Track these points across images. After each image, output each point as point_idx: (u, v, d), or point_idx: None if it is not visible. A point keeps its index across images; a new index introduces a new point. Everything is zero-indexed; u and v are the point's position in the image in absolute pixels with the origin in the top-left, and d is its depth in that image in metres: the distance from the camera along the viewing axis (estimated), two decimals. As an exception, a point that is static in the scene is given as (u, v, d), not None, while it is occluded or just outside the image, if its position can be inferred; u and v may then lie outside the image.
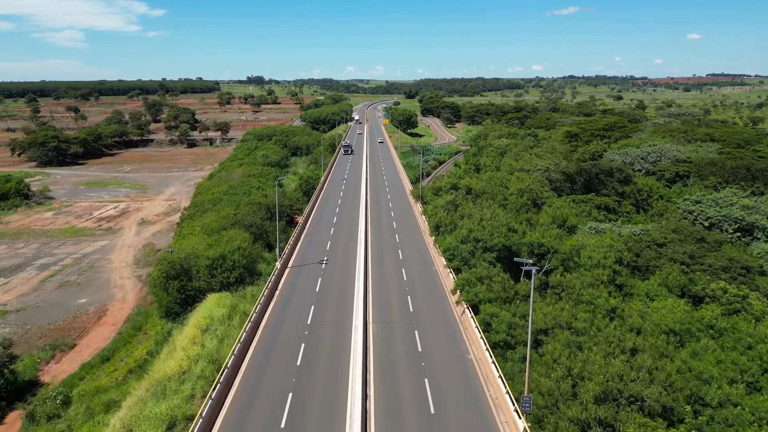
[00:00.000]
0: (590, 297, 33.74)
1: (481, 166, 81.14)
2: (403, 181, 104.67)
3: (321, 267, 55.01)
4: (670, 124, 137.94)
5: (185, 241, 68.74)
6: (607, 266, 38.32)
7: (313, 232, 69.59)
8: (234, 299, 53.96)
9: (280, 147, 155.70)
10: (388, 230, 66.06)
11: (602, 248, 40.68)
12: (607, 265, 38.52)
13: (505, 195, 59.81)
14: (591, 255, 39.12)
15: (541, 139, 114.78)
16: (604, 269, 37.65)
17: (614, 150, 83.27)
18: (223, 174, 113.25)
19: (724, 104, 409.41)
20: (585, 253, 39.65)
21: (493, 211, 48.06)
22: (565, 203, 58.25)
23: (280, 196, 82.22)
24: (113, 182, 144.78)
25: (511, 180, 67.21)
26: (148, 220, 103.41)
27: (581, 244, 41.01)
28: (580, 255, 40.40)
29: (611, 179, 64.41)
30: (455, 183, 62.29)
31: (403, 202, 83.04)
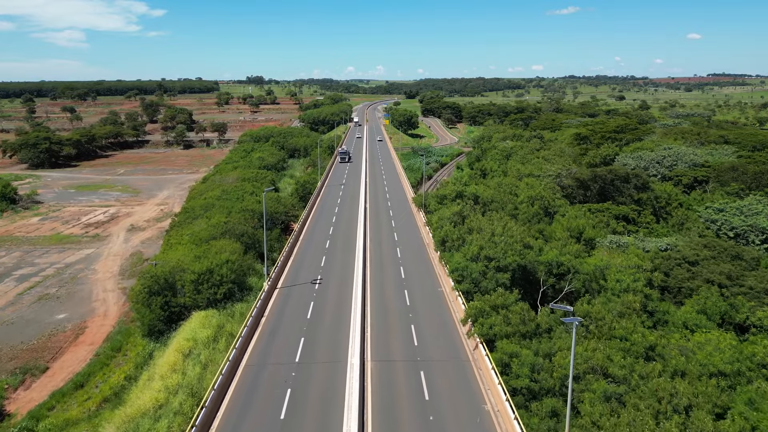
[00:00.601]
0: (624, 331, 29.22)
1: (488, 171, 76.59)
2: (405, 186, 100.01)
3: (314, 288, 49.48)
4: (680, 126, 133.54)
5: (172, 252, 64.40)
6: (637, 291, 33.83)
7: (307, 247, 64.23)
8: (221, 318, 49.68)
9: (277, 149, 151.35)
10: (389, 243, 60.83)
11: (630, 269, 36.21)
12: (638, 289, 34.00)
13: (514, 203, 55.31)
14: (620, 278, 34.66)
15: (548, 141, 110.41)
16: (634, 295, 33.14)
17: (627, 153, 78.91)
18: (216, 178, 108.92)
19: (728, 104, 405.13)
20: (612, 276, 35.16)
21: (505, 224, 43.42)
22: (580, 212, 53.83)
23: (275, 202, 77.94)
24: (105, 185, 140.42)
25: (520, 186, 62.73)
26: (138, 226, 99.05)
27: (606, 264, 36.61)
28: (605, 276, 35.94)
29: (627, 186, 60.16)
30: (461, 190, 57.84)
31: (405, 210, 78.02)
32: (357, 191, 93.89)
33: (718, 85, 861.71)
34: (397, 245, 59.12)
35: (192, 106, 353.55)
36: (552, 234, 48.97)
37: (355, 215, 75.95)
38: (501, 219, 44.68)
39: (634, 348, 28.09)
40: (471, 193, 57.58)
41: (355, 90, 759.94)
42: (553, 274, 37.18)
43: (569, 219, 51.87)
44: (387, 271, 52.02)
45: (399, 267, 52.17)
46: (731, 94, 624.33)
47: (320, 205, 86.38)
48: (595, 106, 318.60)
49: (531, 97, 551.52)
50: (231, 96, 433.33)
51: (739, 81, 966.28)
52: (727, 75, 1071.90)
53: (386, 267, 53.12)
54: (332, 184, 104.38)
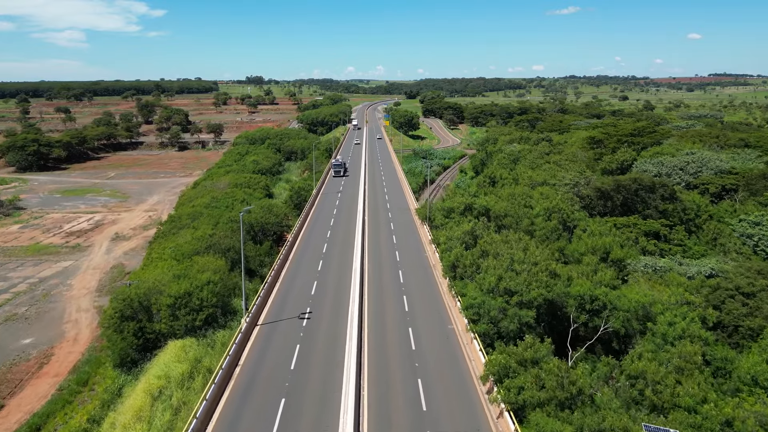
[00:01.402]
0: (691, 400, 23.39)
1: (497, 179, 70.66)
2: (407, 195, 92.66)
3: (301, 325, 41.89)
4: (693, 128, 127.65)
5: (150, 269, 58.53)
6: (695, 337, 27.83)
7: (297, 268, 56.70)
8: (199, 349, 43.81)
9: (273, 152, 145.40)
10: (390, 265, 53.46)
11: (680, 307, 30.14)
12: (695, 334, 28.01)
13: (530, 217, 49.39)
14: (672, 320, 28.64)
15: (557, 144, 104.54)
16: (692, 343, 27.15)
17: (646, 159, 73.10)
18: (207, 183, 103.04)
19: (733, 105, 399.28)
20: (661, 318, 29.09)
21: (526, 246, 37.38)
22: (605, 228, 47.96)
23: (266, 212, 72.04)
24: (93, 189, 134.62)
25: (534, 197, 56.84)
26: (123, 234, 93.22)
27: (650, 300, 30.61)
28: (650, 316, 29.91)
29: (653, 196, 54.38)
30: (470, 203, 51.77)
31: (408, 223, 70.41)
32: (355, 200, 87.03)
33: (720, 85, 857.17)
34: (400, 267, 51.89)
35: (189, 107, 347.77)
36: (574, 254, 43.18)
37: (352, 229, 69.22)
38: (520, 240, 38.49)
39: (706, 424, 22.12)
40: (481, 205, 51.44)
41: (355, 90, 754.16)
42: (585, 310, 31.32)
43: (592, 235, 46.11)
44: (388, 301, 44.79)
45: (402, 296, 44.94)
46: (735, 94, 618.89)
47: (314, 217, 79.64)
48: (599, 107, 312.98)
49: (532, 97, 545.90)
50: (229, 96, 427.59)
51: (741, 81, 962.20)
52: (728, 75, 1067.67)
53: (387, 296, 45.80)
54: (329, 191, 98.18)
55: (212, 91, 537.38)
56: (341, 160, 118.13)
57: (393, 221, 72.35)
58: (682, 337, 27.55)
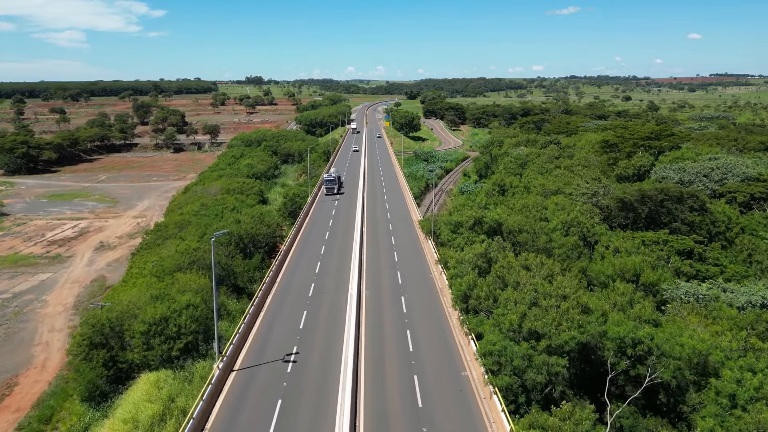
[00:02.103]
0: None
1: (506, 187, 65.27)
2: (409, 204, 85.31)
3: (285, 372, 34.51)
4: (706, 130, 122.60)
5: (127, 287, 53.48)
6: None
7: (285, 294, 49.44)
8: (174, 385, 38.62)
9: (269, 154, 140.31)
10: (391, 290, 46.74)
11: (748, 357, 24.72)
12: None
13: (547, 233, 44.19)
14: (742, 376, 23.26)
15: (565, 147, 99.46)
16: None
17: (665, 164, 68.02)
18: (198, 188, 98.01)
19: (738, 105, 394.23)
20: (728, 372, 23.74)
21: (549, 272, 32.02)
22: (631, 244, 42.82)
23: (257, 222, 66.93)
24: (82, 194, 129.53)
25: (549, 207, 51.69)
26: (108, 243, 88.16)
27: (708, 347, 25.31)
28: (706, 364, 24.71)
29: (680, 207, 49.36)
30: (480, 216, 46.45)
31: (410, 238, 63.53)
32: (353, 210, 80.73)
33: (722, 86, 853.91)
34: (402, 293, 45.51)
35: (187, 107, 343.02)
36: (599, 276, 38.16)
37: (348, 244, 62.49)
38: (542, 266, 33.24)
39: None
40: (493, 219, 46.16)
41: (355, 90, 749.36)
42: (627, 356, 26.17)
43: (618, 254, 41.02)
44: (389, 339, 37.93)
45: (405, 331, 38.40)
46: (738, 94, 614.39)
47: (308, 229, 72.54)
48: (602, 107, 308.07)
49: (534, 97, 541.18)
50: (227, 97, 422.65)
51: (742, 81, 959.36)
52: (729, 75, 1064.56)
53: (388, 332, 38.90)
54: (325, 199, 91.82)
55: (211, 92, 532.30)
56: (335, 173, 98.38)
57: (394, 234, 66.03)
58: (755, 398, 22.42)
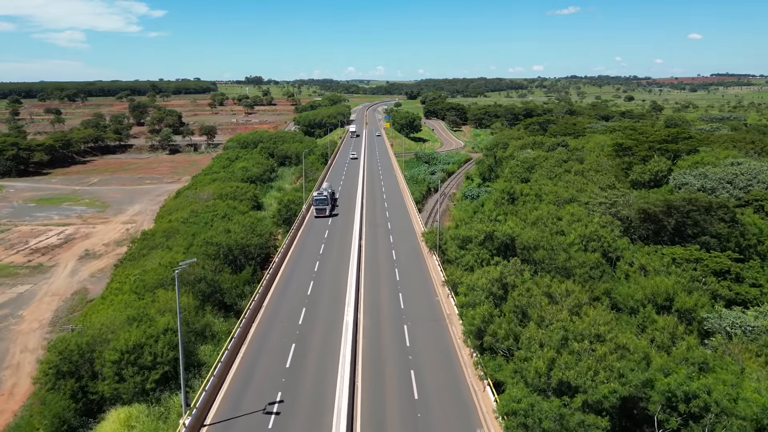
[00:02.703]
0: None
1: (516, 194, 60.67)
2: (411, 213, 78.54)
3: (266, 426, 29.05)
4: (718, 131, 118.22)
5: (104, 306, 49.11)
6: None
7: (272, 321, 43.31)
8: (148, 423, 34.23)
9: (266, 156, 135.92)
10: (393, 317, 40.85)
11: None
12: None
13: (565, 249, 39.70)
14: None
15: (573, 150, 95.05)
16: None
17: (684, 170, 63.64)
18: (189, 193, 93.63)
19: (742, 105, 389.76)
20: None
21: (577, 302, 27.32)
22: (659, 262, 38.34)
23: (248, 232, 62.44)
24: (71, 198, 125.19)
25: (564, 218, 47.22)
26: (94, 252, 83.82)
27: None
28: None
29: (708, 218, 45.00)
30: (491, 231, 41.91)
31: (413, 254, 57.52)
32: (350, 220, 74.41)
33: (723, 86, 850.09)
34: (405, 320, 39.80)
35: (185, 108, 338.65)
36: (627, 301, 33.80)
37: (345, 261, 56.35)
38: (568, 295, 28.65)
39: None
40: (505, 233, 41.67)
41: (355, 90, 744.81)
42: (678, 412, 21.72)
43: (642, 271, 36.71)
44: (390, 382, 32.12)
45: (409, 372, 32.39)
46: (740, 94, 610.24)
47: (302, 241, 66.81)
48: (605, 108, 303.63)
49: (535, 97, 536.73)
50: (226, 97, 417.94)
51: (744, 81, 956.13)
52: (730, 75, 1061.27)
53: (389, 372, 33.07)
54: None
55: (210, 92, 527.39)
56: (327, 189, 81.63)
57: (395, 248, 60.17)
58: None
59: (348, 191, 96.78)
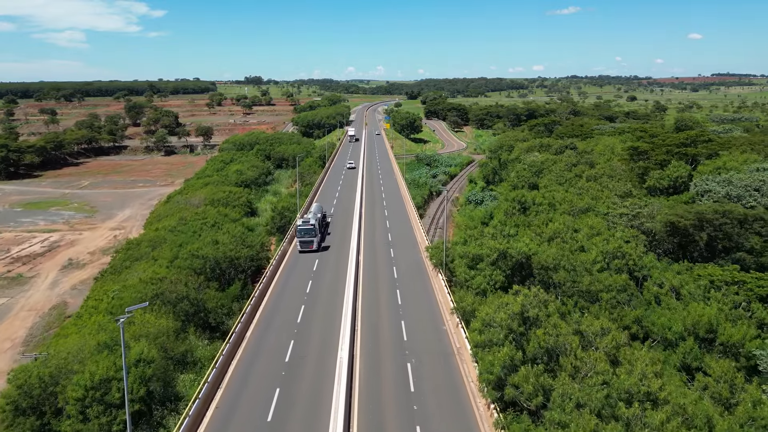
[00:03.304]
0: None
1: (528, 204, 55.98)
2: (413, 224, 71.78)
3: None
4: (731, 133, 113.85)
5: (74, 331, 44.73)
6: None
7: (252, 362, 37.29)
8: (113, 474, 30.07)
9: (262, 159, 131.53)
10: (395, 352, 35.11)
11: None
12: None
13: (588, 269, 35.26)
14: None
15: (582, 153, 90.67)
16: None
17: (707, 176, 59.35)
18: (179, 198, 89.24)
19: (746, 105, 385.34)
20: None
21: (616, 343, 22.78)
22: (693, 284, 33.96)
23: (238, 243, 58.00)
24: (60, 202, 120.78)
25: (582, 230, 42.80)
26: (78, 261, 79.43)
27: None
28: None
29: (743, 231, 40.73)
30: (504, 249, 37.30)
31: (417, 272, 51.73)
32: (348, 233, 67.30)
33: (724, 85, 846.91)
34: (408, 358, 33.86)
35: (182, 108, 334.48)
36: (663, 332, 29.45)
37: (341, 279, 50.62)
38: (603, 334, 24.31)
39: None
40: (520, 252, 37.22)
41: (355, 90, 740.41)
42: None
43: (674, 293, 32.39)
44: None
45: (415, 429, 27.11)
46: (743, 94, 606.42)
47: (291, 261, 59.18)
48: (608, 108, 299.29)
49: (537, 97, 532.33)
50: (224, 97, 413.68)
51: (745, 81, 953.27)
52: (731, 75, 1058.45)
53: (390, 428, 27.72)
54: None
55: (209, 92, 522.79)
56: (315, 214, 64.24)
57: (396, 264, 54.51)
58: None
59: (345, 201, 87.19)
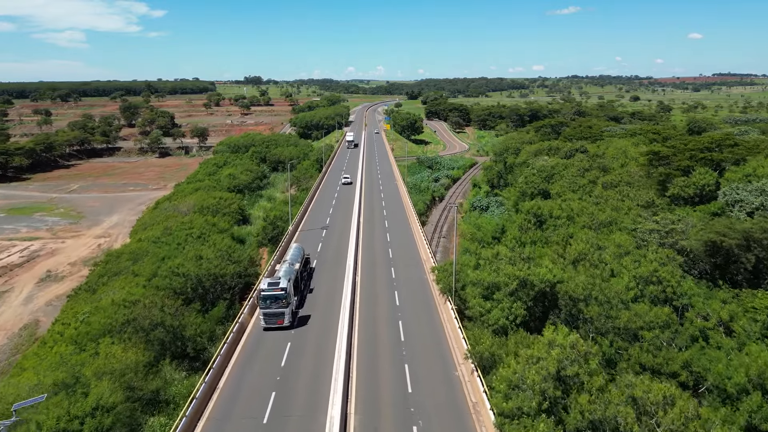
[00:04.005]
0: None
1: (545, 217, 50.58)
2: (417, 239, 64.02)
3: None
4: (749, 135, 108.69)
5: (33, 363, 39.59)
6: None
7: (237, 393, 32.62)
8: None
9: (257, 162, 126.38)
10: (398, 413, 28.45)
11: None
12: None
13: (624, 300, 30.13)
14: None
15: (594, 157, 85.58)
16: None
17: (736, 184, 54.33)
18: (167, 205, 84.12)
19: (752, 105, 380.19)
20: None
21: (681, 415, 18.42)
22: (745, 320, 28.90)
23: (223, 259, 52.93)
24: (45, 207, 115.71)
25: (609, 249, 37.67)
26: (57, 273, 74.38)
27: None
28: None
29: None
30: (525, 277, 32.02)
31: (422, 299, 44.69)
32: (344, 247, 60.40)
33: (726, 85, 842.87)
34: (415, 418, 27.68)
35: (180, 108, 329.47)
36: (722, 381, 24.43)
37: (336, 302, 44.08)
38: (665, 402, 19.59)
39: None
40: (543, 279, 32.00)
41: (355, 90, 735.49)
42: None
43: (724, 329, 27.40)
44: None
45: None
46: (745, 94, 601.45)
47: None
48: (613, 108, 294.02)
49: (538, 97, 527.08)
50: (222, 97, 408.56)
51: (747, 81, 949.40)
52: (733, 75, 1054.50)
53: None
54: (310, 227, 69.72)
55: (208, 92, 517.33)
56: (287, 274, 44.05)
57: (398, 289, 47.07)
58: None
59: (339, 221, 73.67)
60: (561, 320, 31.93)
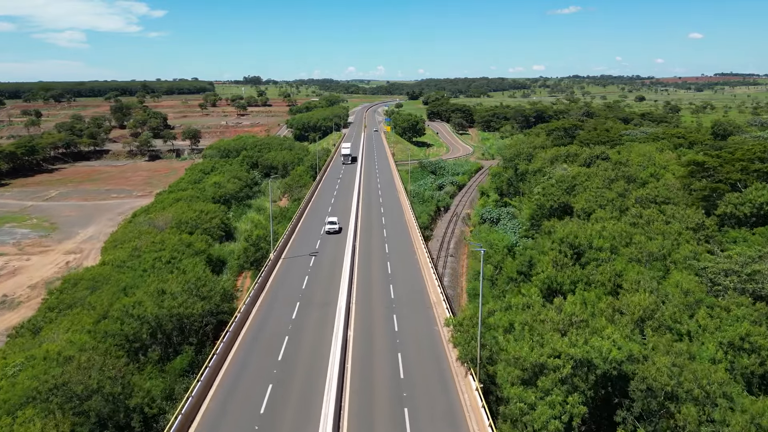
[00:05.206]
0: None
1: (583, 248, 41.04)
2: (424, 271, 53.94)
3: None
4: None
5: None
6: None
7: None
8: None
9: (247, 168, 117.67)
10: None
11: None
12: None
13: (727, 396, 21.32)
14: None
15: (618, 165, 76.89)
16: None
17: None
18: (142, 219, 75.36)
19: (761, 105, 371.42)
20: None
21: None
22: None
23: (191, 293, 44.12)
24: (17, 217, 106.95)
25: (672, 295, 29.12)
26: (14, 297, 65.70)
27: None
28: None
29: None
30: (584, 356, 22.54)
31: (434, 368, 34.80)
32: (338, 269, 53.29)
33: (728, 85, 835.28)
34: None
35: (174, 109, 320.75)
36: None
37: (324, 361, 35.78)
38: None
39: None
40: (611, 359, 22.55)
41: (355, 90, 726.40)
42: None
43: None
44: None
45: None
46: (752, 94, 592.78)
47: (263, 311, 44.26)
48: (620, 109, 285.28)
49: (541, 97, 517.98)
50: (219, 97, 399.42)
51: (750, 81, 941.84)
52: (734, 75, 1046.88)
53: None
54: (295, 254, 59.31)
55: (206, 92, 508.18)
56: None
57: (401, 350, 37.09)
58: None
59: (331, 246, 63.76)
60: (632, 416, 22.99)
